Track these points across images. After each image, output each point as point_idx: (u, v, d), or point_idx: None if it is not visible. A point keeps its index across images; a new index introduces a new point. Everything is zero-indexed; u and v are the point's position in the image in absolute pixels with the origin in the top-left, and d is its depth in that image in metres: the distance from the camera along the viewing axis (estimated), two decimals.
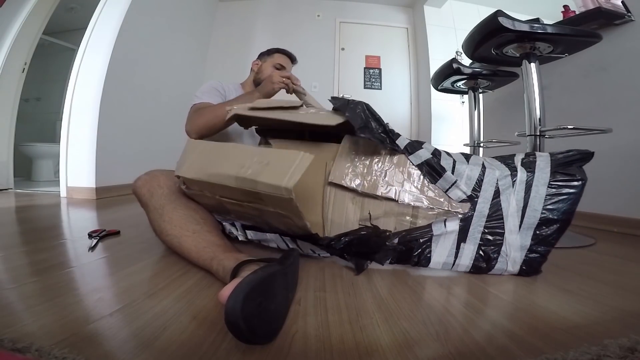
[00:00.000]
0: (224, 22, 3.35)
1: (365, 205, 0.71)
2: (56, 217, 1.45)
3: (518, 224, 0.68)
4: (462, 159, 0.72)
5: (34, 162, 3.12)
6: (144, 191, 0.80)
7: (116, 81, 2.03)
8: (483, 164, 0.70)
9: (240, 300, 0.36)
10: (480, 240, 0.69)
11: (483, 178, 0.69)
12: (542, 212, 0.67)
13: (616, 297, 0.58)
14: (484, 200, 0.68)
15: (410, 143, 0.72)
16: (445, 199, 0.69)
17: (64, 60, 3.32)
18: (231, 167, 0.61)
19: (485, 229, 0.69)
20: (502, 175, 0.68)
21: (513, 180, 0.68)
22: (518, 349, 0.40)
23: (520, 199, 0.68)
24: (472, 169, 0.69)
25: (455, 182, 0.68)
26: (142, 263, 0.74)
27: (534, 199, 0.67)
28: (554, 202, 0.67)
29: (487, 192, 0.68)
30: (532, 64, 1.15)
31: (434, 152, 0.72)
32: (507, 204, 0.68)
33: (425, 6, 3.16)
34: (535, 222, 0.68)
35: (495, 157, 0.78)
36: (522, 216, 0.68)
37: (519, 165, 0.71)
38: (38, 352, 0.36)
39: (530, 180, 0.68)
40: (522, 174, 0.69)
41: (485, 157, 0.76)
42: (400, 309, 0.52)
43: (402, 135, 0.73)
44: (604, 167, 1.34)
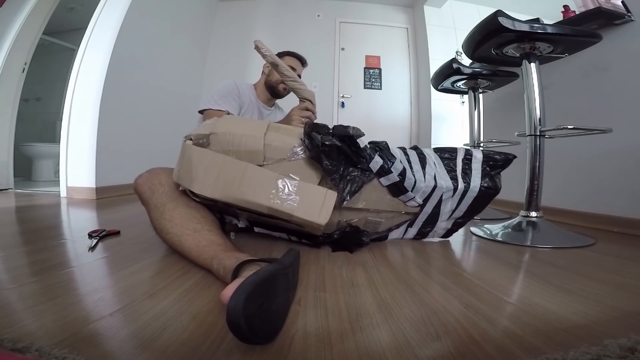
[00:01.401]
0: (224, 22, 3.35)
1: (344, 212, 0.87)
2: (56, 217, 1.45)
3: (448, 218, 0.98)
4: (420, 175, 0.91)
5: (34, 162, 3.12)
6: (145, 189, 0.80)
7: (116, 81, 2.03)
8: (435, 178, 0.91)
9: (242, 300, 0.36)
10: (421, 226, 0.99)
11: (433, 193, 0.92)
12: (464, 212, 0.96)
13: (616, 297, 0.58)
14: (430, 205, 0.94)
15: (382, 166, 0.84)
16: (401, 203, 0.91)
17: (64, 60, 3.32)
18: (260, 197, 0.70)
19: (426, 220, 0.97)
20: (447, 189, 0.92)
21: (454, 193, 0.93)
22: (518, 349, 0.40)
23: (454, 204, 0.95)
24: (427, 187, 0.90)
25: (414, 198, 0.90)
26: (142, 263, 0.74)
27: (463, 204, 0.95)
28: (473, 206, 0.95)
29: (433, 200, 0.93)
30: (532, 64, 1.15)
31: (402, 173, 0.87)
32: (445, 207, 0.95)
33: (425, 6, 3.16)
34: (459, 216, 0.97)
35: (440, 149, 0.99)
36: (452, 213, 0.97)
37: (460, 174, 0.94)
38: (38, 352, 0.36)
39: (465, 192, 0.93)
40: (461, 186, 0.92)
41: (437, 163, 0.95)
42: (400, 309, 0.52)
43: (375, 157, 0.84)
44: (604, 167, 1.34)
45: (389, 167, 0.83)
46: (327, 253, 0.87)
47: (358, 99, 3.36)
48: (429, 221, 0.97)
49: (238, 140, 0.76)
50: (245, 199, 0.71)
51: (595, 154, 1.38)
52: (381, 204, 0.89)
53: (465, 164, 0.95)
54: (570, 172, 1.47)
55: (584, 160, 1.42)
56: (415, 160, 0.93)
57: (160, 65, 2.50)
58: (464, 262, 0.89)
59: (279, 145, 0.78)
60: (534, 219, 1.11)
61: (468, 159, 0.95)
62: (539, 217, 1.11)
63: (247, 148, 0.76)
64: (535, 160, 1.13)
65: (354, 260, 0.80)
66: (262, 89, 1.33)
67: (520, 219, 1.13)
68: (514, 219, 1.16)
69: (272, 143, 0.77)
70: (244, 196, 0.71)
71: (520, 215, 1.15)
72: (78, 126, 1.99)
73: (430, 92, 3.00)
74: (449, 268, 0.79)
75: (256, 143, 0.76)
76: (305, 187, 0.72)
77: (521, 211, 1.15)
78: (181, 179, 0.76)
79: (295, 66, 1.31)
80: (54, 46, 3.40)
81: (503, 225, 1.15)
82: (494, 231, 1.13)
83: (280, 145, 0.78)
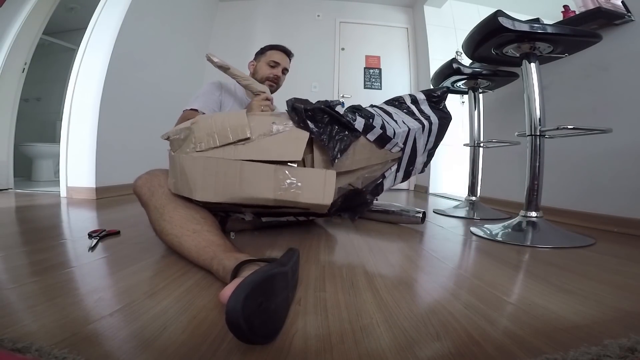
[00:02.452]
0: (224, 22, 3.35)
1: (342, 178, 0.90)
2: (56, 217, 1.45)
3: (423, 152, 1.08)
4: (394, 123, 0.97)
5: (34, 162, 3.12)
6: (144, 190, 0.80)
7: (116, 81, 2.03)
8: (407, 125, 0.99)
9: (242, 300, 0.36)
10: (405, 167, 1.06)
11: (408, 135, 1.00)
12: (433, 142, 1.08)
13: (616, 297, 0.58)
14: (408, 146, 1.02)
15: (365, 124, 0.89)
16: (387, 152, 0.97)
17: (64, 60, 3.32)
18: (264, 191, 0.73)
19: (408, 160, 1.05)
20: (417, 128, 1.01)
21: (423, 130, 1.02)
22: (518, 349, 0.40)
23: (425, 139, 1.05)
24: (403, 131, 0.98)
25: (397, 143, 0.97)
26: (142, 263, 0.74)
27: (432, 136, 1.06)
28: (438, 135, 1.07)
29: (410, 141, 1.02)
30: (532, 64, 1.15)
31: (382, 126, 0.93)
32: (419, 143, 1.04)
33: (425, 6, 3.16)
34: (430, 147, 1.08)
35: (390, 102, 1.09)
36: (425, 146, 1.07)
37: (418, 115, 1.04)
38: (38, 352, 0.36)
39: (430, 126, 1.04)
40: (425, 123, 1.02)
41: (397, 112, 1.03)
42: (400, 309, 0.52)
43: (357, 118, 0.89)
44: (604, 167, 1.34)
45: (371, 123, 0.89)
46: (327, 253, 0.87)
47: (358, 99, 3.35)
48: (410, 160, 1.06)
49: (221, 121, 0.77)
50: (250, 196, 0.73)
51: (596, 154, 1.37)
52: (373, 159, 0.97)
53: (416, 106, 1.06)
54: (570, 172, 1.47)
55: (584, 160, 1.42)
56: (382, 113, 1.00)
57: (160, 65, 2.50)
58: (464, 262, 0.89)
59: (259, 123, 0.79)
60: (534, 219, 1.11)
61: (415, 101, 1.07)
62: (539, 217, 1.11)
63: (230, 124, 0.75)
64: (535, 160, 1.13)
65: (354, 261, 0.80)
66: None
67: (520, 219, 1.13)
68: (514, 219, 1.16)
69: (252, 123, 0.78)
70: (247, 194, 0.73)
71: (520, 215, 1.15)
72: (78, 126, 1.99)
73: None
74: (449, 268, 0.79)
75: (239, 118, 0.77)
76: (304, 172, 0.75)
77: (521, 211, 1.15)
78: (180, 190, 0.76)
79: (279, 59, 1.30)
80: (54, 46, 3.40)
81: (503, 225, 1.15)
82: (494, 231, 1.13)
83: (260, 122, 0.79)
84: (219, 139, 0.75)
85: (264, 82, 1.27)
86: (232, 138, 0.75)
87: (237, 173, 0.73)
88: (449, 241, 1.10)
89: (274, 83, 1.29)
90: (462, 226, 1.34)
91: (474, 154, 1.76)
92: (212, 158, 0.74)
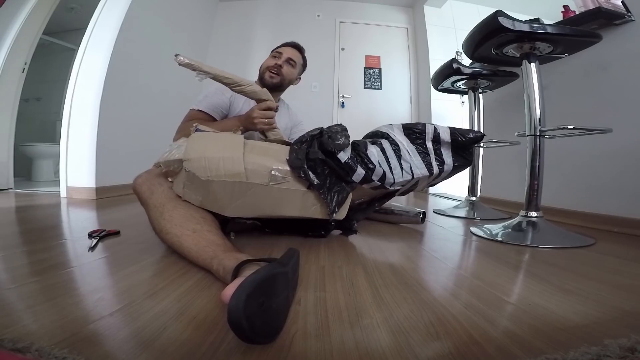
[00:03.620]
0: (224, 22, 3.35)
1: None
2: (56, 217, 1.45)
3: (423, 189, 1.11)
4: (398, 171, 0.94)
5: (34, 162, 3.12)
6: (144, 189, 0.80)
7: (116, 81, 2.03)
8: (412, 173, 0.94)
9: (243, 299, 0.36)
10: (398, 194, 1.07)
11: (411, 181, 0.97)
12: (439, 181, 1.04)
13: (616, 297, 0.58)
14: (407, 185, 1.01)
15: (364, 177, 0.88)
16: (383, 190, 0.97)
17: (64, 60, 3.32)
18: (291, 210, 0.84)
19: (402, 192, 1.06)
20: (423, 176, 0.95)
21: (430, 176, 0.97)
22: (518, 349, 0.40)
23: (429, 182, 1.02)
24: (405, 179, 0.94)
25: (392, 185, 0.94)
26: (142, 263, 0.74)
27: (439, 179, 1.02)
28: (448, 177, 1.02)
29: (410, 183, 1.00)
30: (532, 64, 1.15)
31: (382, 177, 0.90)
32: (421, 185, 1.03)
33: (425, 6, 3.16)
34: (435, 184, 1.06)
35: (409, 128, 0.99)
36: (427, 186, 1.07)
37: (433, 159, 0.96)
38: (38, 352, 0.36)
39: (440, 172, 0.96)
40: (436, 170, 0.95)
41: (410, 149, 0.96)
42: (400, 309, 0.52)
43: (358, 170, 0.87)
44: (604, 167, 1.34)
45: (370, 176, 0.88)
46: (327, 253, 0.87)
47: (358, 99, 3.36)
48: (405, 192, 1.07)
49: (215, 165, 0.76)
50: (277, 214, 0.84)
51: (596, 154, 1.37)
52: (365, 196, 1.02)
53: (435, 147, 0.96)
54: (570, 172, 1.47)
55: (584, 160, 1.42)
56: (392, 154, 0.94)
57: (160, 65, 2.50)
58: (464, 262, 0.89)
59: (257, 168, 0.79)
60: (534, 219, 1.11)
61: (437, 141, 0.96)
62: (539, 217, 1.11)
63: (226, 172, 0.76)
64: (535, 160, 1.13)
65: (354, 260, 0.80)
66: (258, 85, 1.30)
67: (520, 219, 1.13)
68: (514, 219, 1.16)
69: (249, 166, 0.78)
70: (277, 213, 0.83)
71: (520, 215, 1.15)
72: (78, 126, 1.99)
73: (430, 92, 3.00)
74: (449, 268, 0.79)
75: (235, 165, 0.77)
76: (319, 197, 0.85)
77: (521, 211, 1.15)
78: (208, 207, 0.78)
79: (282, 49, 1.27)
80: (54, 46, 3.40)
81: (503, 225, 1.15)
82: (494, 231, 1.13)
83: (258, 169, 0.79)
84: (216, 179, 0.76)
85: (266, 73, 1.23)
86: (228, 182, 0.77)
87: (267, 196, 0.80)
88: (449, 241, 1.10)
89: (274, 73, 1.23)
90: (462, 226, 1.34)
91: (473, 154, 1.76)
92: (243, 183, 0.77)
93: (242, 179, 0.77)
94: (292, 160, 0.84)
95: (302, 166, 0.82)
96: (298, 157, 0.84)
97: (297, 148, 0.87)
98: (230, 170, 0.76)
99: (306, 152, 0.85)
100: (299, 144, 0.88)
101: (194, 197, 0.77)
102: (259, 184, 0.78)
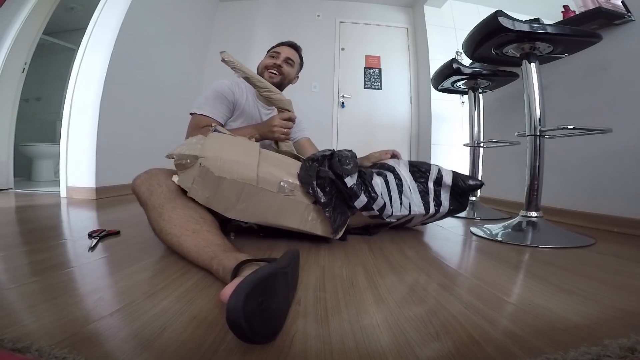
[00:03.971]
0: (224, 22, 3.35)
1: None
2: (56, 217, 1.45)
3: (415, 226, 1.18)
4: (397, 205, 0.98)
5: (34, 162, 3.12)
6: (143, 189, 0.80)
7: (116, 81, 2.03)
8: (410, 209, 0.99)
9: (242, 299, 0.36)
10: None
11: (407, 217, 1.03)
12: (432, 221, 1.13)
13: (616, 297, 0.58)
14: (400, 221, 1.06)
15: (365, 205, 0.91)
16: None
17: (64, 60, 3.32)
18: (292, 221, 0.86)
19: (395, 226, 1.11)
20: (419, 214, 1.01)
21: (425, 215, 1.03)
22: (518, 349, 0.40)
23: (423, 219, 1.09)
24: (402, 214, 0.99)
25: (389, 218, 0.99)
26: (142, 263, 0.74)
27: (433, 219, 1.10)
28: (441, 219, 1.12)
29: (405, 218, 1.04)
30: (532, 64, 1.15)
31: (382, 208, 0.94)
32: (415, 221, 1.09)
33: (425, 6, 3.16)
34: (427, 223, 1.16)
35: (415, 166, 1.04)
36: (421, 224, 1.17)
37: (432, 199, 1.02)
38: (38, 352, 0.36)
39: (435, 213, 1.03)
40: (432, 210, 1.02)
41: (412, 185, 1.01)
42: (400, 309, 0.52)
43: (361, 196, 0.90)
44: (604, 167, 1.34)
45: (371, 205, 0.91)
46: (327, 253, 0.87)
47: (358, 99, 3.36)
48: (397, 226, 1.11)
49: (229, 167, 0.79)
50: (278, 224, 0.86)
51: (596, 154, 1.38)
52: (360, 223, 1.06)
53: (436, 188, 1.02)
54: (570, 172, 1.47)
55: (584, 160, 1.42)
56: (394, 188, 0.99)
57: (160, 65, 2.50)
58: (464, 262, 0.89)
59: (268, 177, 0.83)
60: (534, 219, 1.11)
61: (438, 183, 1.02)
62: (539, 217, 1.11)
63: (239, 176, 0.79)
64: (535, 160, 1.13)
65: (354, 260, 0.80)
66: None
67: (520, 219, 1.13)
68: (514, 219, 1.16)
69: (261, 174, 0.81)
70: (277, 221, 0.85)
71: (520, 215, 1.15)
72: (78, 126, 1.99)
73: (430, 92, 3.00)
74: (449, 268, 0.79)
75: (249, 171, 0.80)
76: (323, 215, 0.87)
77: (521, 211, 1.15)
78: (213, 205, 0.79)
79: (279, 49, 1.27)
80: (54, 46, 3.40)
81: (503, 225, 1.15)
82: (494, 231, 1.13)
83: (269, 178, 0.83)
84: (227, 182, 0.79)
85: (265, 73, 1.24)
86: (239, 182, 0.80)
87: (274, 204, 0.82)
88: (449, 241, 1.10)
89: (275, 72, 1.24)
90: (462, 226, 1.34)
91: (474, 154, 1.76)
92: (253, 186, 0.80)
93: (253, 184, 0.80)
94: (302, 176, 0.86)
95: (312, 183, 0.85)
96: (308, 174, 0.86)
97: (308, 165, 0.89)
98: (243, 174, 0.79)
99: (317, 170, 0.87)
100: (310, 162, 0.90)
101: (201, 193, 0.78)
102: (268, 190, 0.81)
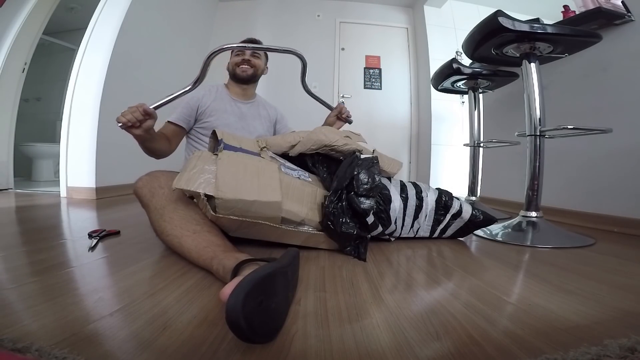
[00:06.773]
0: (224, 22, 3.35)
1: None
2: (56, 217, 1.45)
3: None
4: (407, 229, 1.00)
5: (34, 162, 3.12)
6: (145, 191, 0.80)
7: (116, 81, 2.03)
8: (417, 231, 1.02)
9: (242, 298, 0.36)
10: None
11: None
12: None
13: (616, 297, 0.58)
14: None
15: (380, 232, 0.93)
16: None
17: (64, 60, 3.32)
18: (296, 240, 0.85)
19: None
20: (423, 235, 1.04)
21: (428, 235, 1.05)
22: (518, 349, 0.40)
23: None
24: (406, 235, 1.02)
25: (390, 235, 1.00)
26: (142, 263, 0.74)
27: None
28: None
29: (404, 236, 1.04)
30: (532, 64, 1.15)
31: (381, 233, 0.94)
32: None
33: (425, 6, 3.16)
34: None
35: (440, 202, 1.01)
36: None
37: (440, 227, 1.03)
38: (38, 352, 0.36)
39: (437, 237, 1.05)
40: (436, 235, 1.04)
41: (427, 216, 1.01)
42: (400, 309, 0.52)
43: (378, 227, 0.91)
44: (604, 167, 1.34)
45: (383, 231, 0.94)
46: (328, 253, 0.87)
47: (358, 99, 3.36)
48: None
49: (249, 207, 0.73)
50: (283, 242, 0.85)
51: (596, 154, 1.38)
52: None
53: (451, 221, 1.01)
54: (570, 172, 1.47)
55: (584, 160, 1.42)
56: (411, 212, 0.98)
57: (161, 65, 2.50)
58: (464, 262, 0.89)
59: (291, 217, 0.81)
60: (534, 219, 1.11)
61: (455, 217, 1.01)
62: (539, 217, 1.11)
63: (261, 216, 0.75)
64: (535, 160, 1.13)
65: (354, 261, 0.80)
66: (232, 83, 1.29)
67: (520, 219, 1.13)
68: (514, 219, 1.16)
69: (284, 214, 0.79)
70: (279, 240, 0.85)
71: (520, 215, 1.15)
72: (78, 126, 1.99)
73: (430, 92, 2.99)
74: (449, 268, 0.79)
75: (274, 211, 0.76)
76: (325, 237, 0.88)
77: (521, 211, 1.15)
78: (217, 223, 0.76)
79: (256, 50, 1.25)
80: (54, 46, 3.40)
81: (503, 225, 1.15)
82: (494, 231, 1.13)
83: (291, 218, 0.82)
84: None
85: (236, 69, 1.24)
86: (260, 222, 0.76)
87: (277, 230, 0.80)
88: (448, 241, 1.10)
89: (246, 66, 1.24)
90: None
91: (474, 154, 1.76)
92: (277, 227, 0.78)
93: (275, 224, 0.77)
94: (325, 225, 0.84)
95: (336, 232, 0.83)
96: (331, 225, 0.83)
97: (329, 210, 0.83)
98: (265, 214, 0.75)
99: (341, 225, 0.83)
100: (332, 202, 0.85)
101: (210, 214, 0.73)
102: (285, 228, 0.80)
